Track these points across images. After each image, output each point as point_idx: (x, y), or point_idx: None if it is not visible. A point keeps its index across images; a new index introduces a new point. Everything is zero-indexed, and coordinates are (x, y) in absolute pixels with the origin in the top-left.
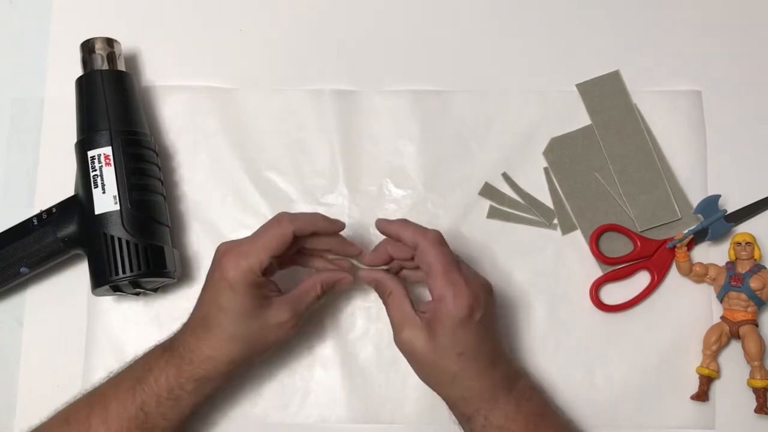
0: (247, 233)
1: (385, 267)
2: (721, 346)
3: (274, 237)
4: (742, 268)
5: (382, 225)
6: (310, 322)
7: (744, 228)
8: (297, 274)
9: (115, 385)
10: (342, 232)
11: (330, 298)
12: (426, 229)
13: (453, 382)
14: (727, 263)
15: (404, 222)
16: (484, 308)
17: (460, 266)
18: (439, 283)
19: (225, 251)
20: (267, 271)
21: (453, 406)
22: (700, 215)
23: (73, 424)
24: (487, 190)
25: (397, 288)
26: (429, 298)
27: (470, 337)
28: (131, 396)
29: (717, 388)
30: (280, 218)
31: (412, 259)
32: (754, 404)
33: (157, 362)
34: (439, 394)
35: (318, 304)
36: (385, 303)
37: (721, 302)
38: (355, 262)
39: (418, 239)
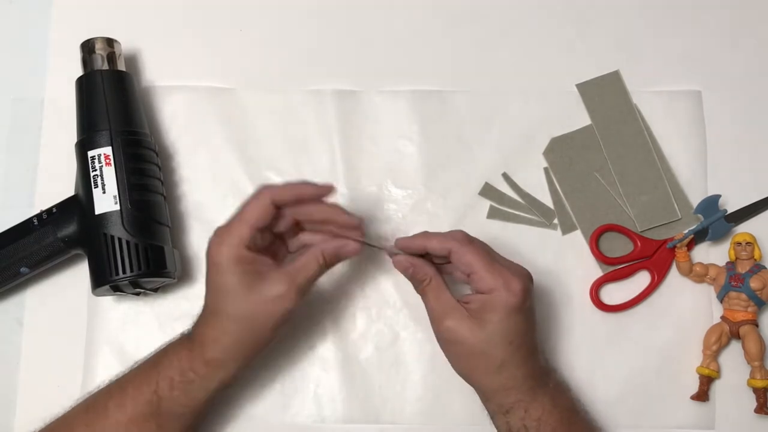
0: None
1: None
2: (721, 346)
3: (252, 210)
4: (743, 268)
5: (403, 243)
6: (310, 322)
7: (744, 228)
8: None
9: (136, 370)
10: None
11: (331, 298)
12: (450, 232)
13: (499, 370)
14: (727, 263)
15: (425, 233)
16: (531, 296)
17: (497, 258)
18: (486, 277)
19: (212, 235)
20: (254, 246)
21: (491, 398)
22: (700, 215)
23: (92, 411)
24: (487, 190)
25: (436, 276)
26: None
27: (520, 325)
28: (146, 380)
29: (717, 388)
30: (259, 190)
31: (447, 261)
32: (754, 404)
33: (174, 346)
34: (478, 384)
35: (320, 275)
36: (421, 292)
37: (721, 302)
38: (377, 245)
39: (448, 244)
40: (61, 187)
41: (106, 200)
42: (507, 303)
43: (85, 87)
